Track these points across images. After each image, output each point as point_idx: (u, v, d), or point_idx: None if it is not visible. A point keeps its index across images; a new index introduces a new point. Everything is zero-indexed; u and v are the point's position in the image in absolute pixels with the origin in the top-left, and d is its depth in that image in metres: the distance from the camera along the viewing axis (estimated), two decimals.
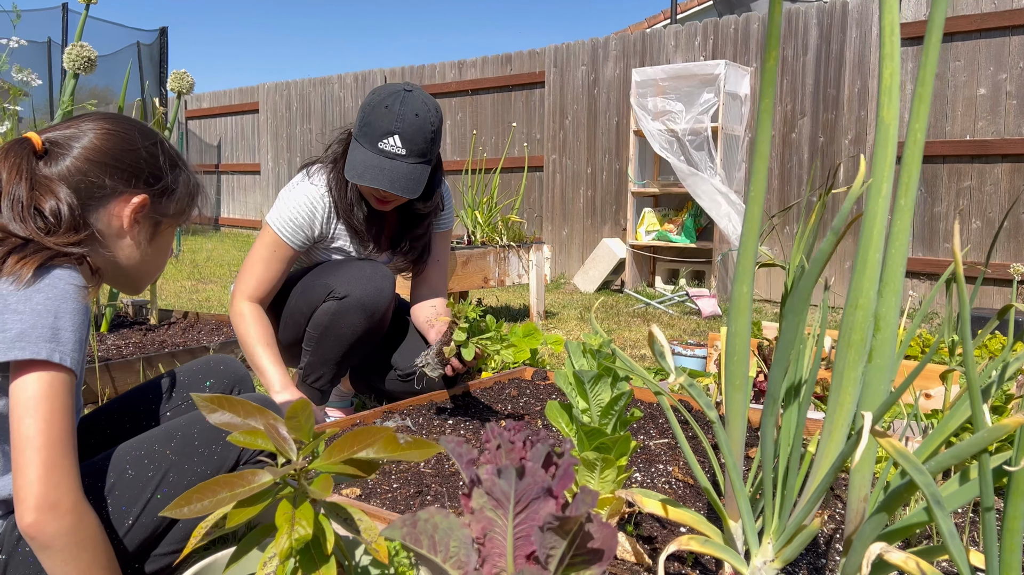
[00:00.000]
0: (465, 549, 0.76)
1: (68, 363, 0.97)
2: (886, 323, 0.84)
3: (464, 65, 7.15)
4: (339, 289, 1.94)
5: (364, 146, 1.88)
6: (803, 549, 1.00)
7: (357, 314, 1.94)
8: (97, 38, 8.25)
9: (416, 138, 1.86)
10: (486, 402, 2.10)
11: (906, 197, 0.80)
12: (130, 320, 3.21)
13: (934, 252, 4.80)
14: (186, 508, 0.88)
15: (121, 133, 1.13)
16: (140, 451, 1.12)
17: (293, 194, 1.99)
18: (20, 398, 0.94)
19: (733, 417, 1.02)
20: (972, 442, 0.70)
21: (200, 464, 1.14)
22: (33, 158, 1.07)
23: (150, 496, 1.10)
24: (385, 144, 1.85)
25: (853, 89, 5.01)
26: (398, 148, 1.86)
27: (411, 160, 1.87)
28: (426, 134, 1.88)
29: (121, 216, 1.11)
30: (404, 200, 1.99)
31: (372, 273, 1.96)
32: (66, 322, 0.98)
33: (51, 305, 0.98)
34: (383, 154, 1.86)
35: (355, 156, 1.89)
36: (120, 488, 1.09)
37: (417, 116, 1.86)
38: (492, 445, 0.76)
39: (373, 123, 1.86)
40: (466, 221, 4.29)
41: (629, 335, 3.90)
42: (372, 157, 1.86)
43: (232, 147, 10.12)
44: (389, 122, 1.85)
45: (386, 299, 1.98)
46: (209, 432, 1.15)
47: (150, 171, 1.14)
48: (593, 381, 1.28)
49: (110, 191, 1.09)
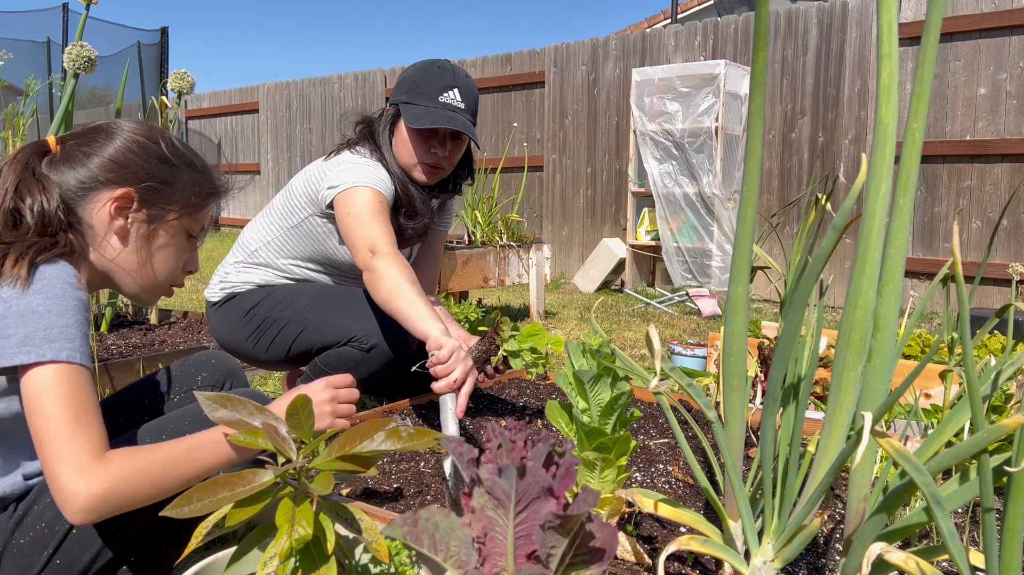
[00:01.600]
0: (466, 548, 0.76)
1: (77, 359, 0.97)
2: (885, 323, 0.84)
3: (464, 65, 7.14)
4: (364, 338, 1.83)
5: (422, 103, 1.87)
6: (803, 549, 1.00)
7: (382, 364, 1.87)
8: (97, 38, 8.25)
9: (470, 95, 1.91)
10: (486, 402, 2.10)
11: (904, 197, 0.80)
12: (130, 320, 3.21)
13: (934, 252, 4.80)
14: (186, 508, 0.88)
15: (135, 138, 1.13)
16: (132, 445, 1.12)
17: (358, 163, 1.88)
18: (33, 388, 0.95)
19: (732, 417, 1.02)
20: (972, 442, 0.70)
21: None
22: (37, 160, 1.09)
23: None
24: (446, 97, 1.87)
25: (853, 89, 5.01)
26: (458, 101, 1.88)
27: (467, 116, 1.90)
28: (475, 95, 1.93)
29: (105, 209, 1.09)
30: (449, 171, 1.99)
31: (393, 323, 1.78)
32: (68, 319, 0.99)
33: (51, 305, 0.98)
34: (446, 107, 1.87)
35: (415, 111, 1.86)
36: None
37: (467, 77, 1.93)
38: (493, 444, 0.76)
39: (429, 82, 1.88)
40: (466, 221, 4.29)
41: (629, 335, 3.90)
42: (436, 108, 1.86)
43: (232, 147, 10.11)
44: (447, 78, 1.88)
45: (414, 345, 1.86)
46: (200, 425, 1.11)
47: (146, 169, 1.12)
48: (593, 381, 1.28)
49: (102, 184, 1.09)
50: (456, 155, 1.97)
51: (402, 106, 1.90)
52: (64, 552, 1.05)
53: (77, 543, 1.05)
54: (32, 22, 8.88)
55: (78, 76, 2.54)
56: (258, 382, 2.78)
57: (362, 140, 1.97)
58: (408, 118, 1.86)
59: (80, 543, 1.06)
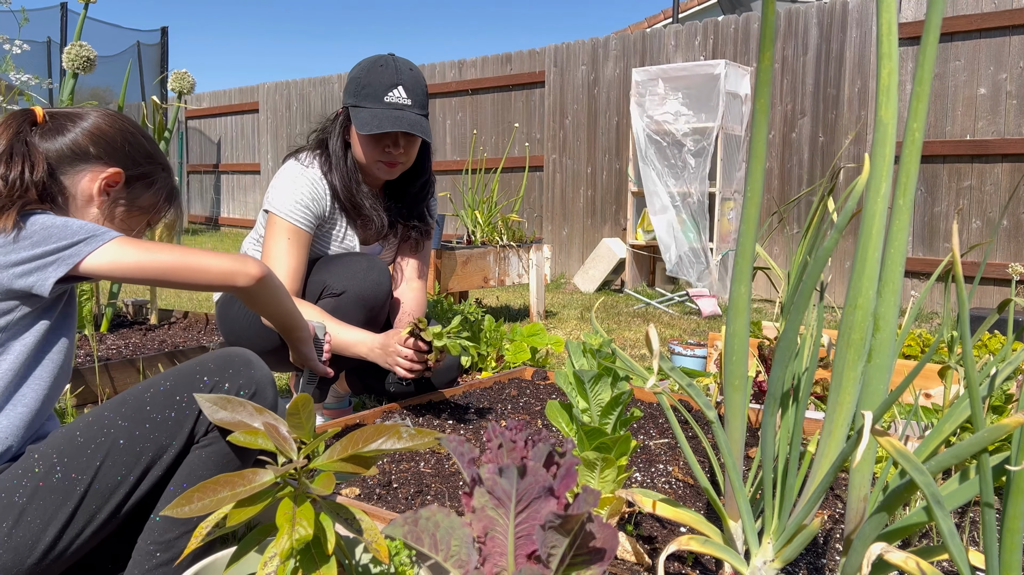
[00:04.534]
0: (466, 548, 0.76)
1: (114, 233, 1.09)
2: (885, 323, 0.84)
3: (464, 65, 7.15)
4: (335, 285, 1.91)
5: (368, 105, 1.90)
6: (803, 549, 1.00)
7: (356, 309, 1.92)
8: (97, 39, 8.24)
9: (416, 88, 1.92)
10: (486, 402, 2.11)
11: (904, 197, 0.80)
12: (130, 320, 3.21)
13: (934, 252, 4.80)
14: (187, 507, 0.88)
15: (119, 122, 1.24)
16: (91, 417, 1.09)
17: (291, 177, 1.95)
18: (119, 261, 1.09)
19: (732, 417, 1.02)
20: (972, 442, 0.70)
21: (153, 430, 1.08)
22: (28, 127, 1.17)
23: (100, 464, 1.05)
24: (391, 96, 1.89)
25: (853, 89, 5.01)
26: (404, 98, 1.90)
27: (416, 111, 1.92)
28: (423, 85, 1.94)
29: (93, 183, 1.19)
30: (407, 166, 2.00)
31: (368, 267, 1.95)
32: (77, 222, 1.09)
33: (59, 219, 1.08)
34: (392, 106, 1.89)
35: (363, 116, 1.89)
36: (69, 455, 1.05)
37: (411, 70, 1.94)
38: (494, 444, 0.76)
39: (373, 82, 1.90)
40: (466, 221, 4.29)
41: (629, 335, 3.90)
42: (382, 111, 1.88)
43: (232, 147, 10.11)
44: (390, 76, 1.90)
45: (384, 292, 1.96)
46: (163, 398, 1.10)
47: (132, 155, 1.23)
48: (593, 381, 1.28)
49: (93, 158, 1.19)
50: (412, 149, 1.99)
51: (351, 110, 1.94)
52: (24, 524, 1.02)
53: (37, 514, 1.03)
54: (32, 22, 8.88)
55: (77, 76, 2.54)
56: None
57: (312, 146, 2.03)
58: (357, 124, 1.90)
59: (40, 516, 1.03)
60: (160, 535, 1.10)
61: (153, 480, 1.09)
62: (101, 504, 1.06)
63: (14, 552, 1.01)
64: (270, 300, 1.25)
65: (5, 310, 1.08)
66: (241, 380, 1.13)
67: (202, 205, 10.65)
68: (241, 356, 1.17)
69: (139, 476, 1.08)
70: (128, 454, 1.07)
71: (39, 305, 1.11)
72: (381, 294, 1.96)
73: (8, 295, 1.07)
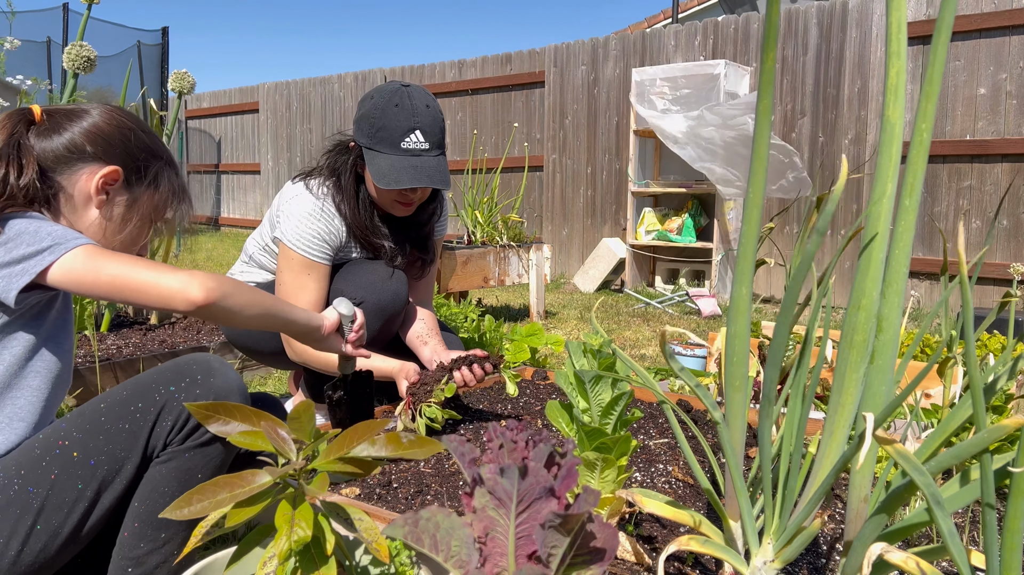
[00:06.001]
0: (467, 548, 0.76)
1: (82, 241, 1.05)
2: (888, 324, 0.84)
3: (464, 65, 7.15)
4: (355, 293, 1.90)
5: (385, 151, 1.81)
6: (803, 549, 1.00)
7: (374, 319, 1.91)
8: (98, 39, 8.24)
9: (434, 129, 1.84)
10: (486, 402, 2.10)
11: (911, 197, 0.80)
12: (130, 320, 3.21)
13: (934, 252, 4.80)
14: (186, 509, 0.88)
15: (118, 118, 1.20)
16: (50, 429, 1.06)
17: (307, 212, 1.90)
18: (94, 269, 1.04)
19: (733, 417, 1.02)
20: (972, 442, 0.70)
21: (107, 442, 1.05)
22: (24, 127, 1.14)
23: (54, 476, 1.02)
24: (408, 143, 1.80)
25: (853, 89, 5.01)
26: (421, 143, 1.81)
27: (434, 153, 1.84)
28: (440, 123, 1.86)
29: (90, 182, 1.15)
30: (421, 201, 1.96)
31: (386, 276, 1.94)
32: (50, 227, 1.05)
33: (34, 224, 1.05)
34: (410, 153, 1.81)
35: (380, 164, 1.81)
36: (26, 467, 1.03)
37: (428, 107, 1.84)
38: (494, 444, 0.76)
39: (389, 125, 1.80)
40: (466, 221, 4.29)
41: (629, 335, 3.90)
42: (400, 159, 1.80)
43: (232, 147, 10.11)
44: (407, 119, 1.80)
45: (401, 303, 1.96)
46: (118, 407, 1.07)
47: (131, 152, 1.19)
48: (594, 381, 1.28)
49: (90, 157, 1.15)
50: (426, 191, 1.95)
51: (366, 153, 1.85)
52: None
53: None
54: (32, 22, 8.88)
55: (78, 76, 2.54)
56: (258, 382, 2.78)
57: (325, 174, 1.95)
58: (374, 174, 1.82)
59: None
60: (129, 551, 1.08)
61: (116, 494, 1.06)
62: (62, 518, 1.03)
63: None
64: (230, 319, 1.13)
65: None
66: (198, 390, 1.08)
67: (203, 205, 10.65)
68: (201, 364, 1.11)
69: (96, 489, 1.04)
70: (82, 467, 1.03)
71: (18, 314, 1.07)
72: (399, 304, 1.96)
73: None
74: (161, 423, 1.07)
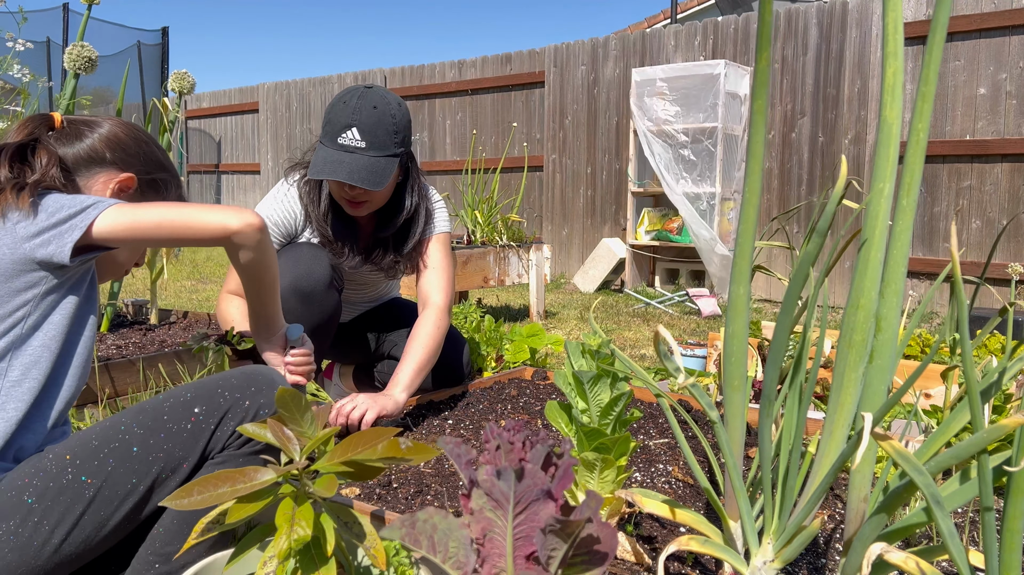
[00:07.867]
0: (464, 549, 0.76)
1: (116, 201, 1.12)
2: (887, 324, 0.84)
3: (464, 65, 7.15)
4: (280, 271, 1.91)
5: (326, 144, 1.86)
6: (803, 549, 1.00)
7: (293, 299, 1.90)
8: (98, 39, 8.24)
9: (376, 130, 1.82)
10: (486, 402, 2.10)
11: (908, 197, 0.80)
12: (130, 320, 3.21)
13: (934, 252, 4.80)
14: (186, 500, 0.88)
15: (134, 131, 1.29)
16: (108, 422, 1.08)
17: (272, 194, 2.03)
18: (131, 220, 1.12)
19: (732, 417, 1.02)
20: (971, 442, 0.70)
21: (167, 441, 1.07)
22: (44, 130, 1.21)
23: (111, 469, 1.04)
24: (344, 138, 1.82)
25: (853, 89, 5.01)
26: (357, 141, 1.82)
27: (372, 153, 1.82)
28: (386, 126, 1.84)
29: (106, 186, 1.23)
30: (378, 203, 1.94)
31: (301, 255, 1.95)
32: (84, 195, 1.14)
33: (68, 198, 1.12)
34: (343, 148, 1.82)
35: (317, 155, 1.87)
36: (82, 458, 1.04)
37: (375, 108, 1.83)
38: (491, 446, 0.76)
39: (332, 120, 1.85)
40: (466, 221, 4.29)
41: (629, 335, 3.89)
42: (332, 153, 1.83)
43: (232, 147, 10.11)
44: (346, 115, 1.82)
45: (317, 280, 1.94)
46: (181, 409, 1.09)
47: (145, 163, 1.28)
48: (592, 381, 1.27)
49: (108, 163, 1.23)
50: (373, 190, 1.88)
51: (317, 145, 1.90)
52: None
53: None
54: (32, 22, 8.89)
55: (78, 76, 2.54)
56: None
57: (301, 167, 2.03)
58: (311, 166, 1.87)
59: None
60: (161, 546, 1.09)
61: (167, 493, 1.07)
62: (111, 511, 1.04)
63: (19, 552, 0.99)
64: (251, 256, 1.22)
65: (33, 282, 1.08)
66: (262, 399, 1.11)
67: None
68: (266, 375, 1.14)
69: (149, 486, 1.06)
70: (140, 462, 1.05)
71: (65, 278, 1.11)
72: (313, 281, 1.94)
73: (34, 266, 1.08)
74: (223, 427, 1.10)
